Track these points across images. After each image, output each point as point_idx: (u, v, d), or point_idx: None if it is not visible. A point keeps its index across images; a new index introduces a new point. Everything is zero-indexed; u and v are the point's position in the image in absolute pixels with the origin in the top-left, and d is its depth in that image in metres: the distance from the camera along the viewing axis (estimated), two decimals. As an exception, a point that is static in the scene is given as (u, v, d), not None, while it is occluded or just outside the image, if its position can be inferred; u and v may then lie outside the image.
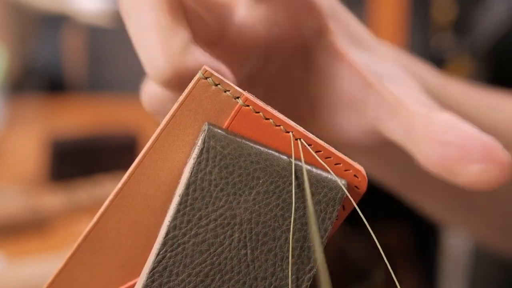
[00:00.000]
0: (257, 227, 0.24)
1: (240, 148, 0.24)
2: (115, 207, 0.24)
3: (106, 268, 0.25)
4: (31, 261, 0.72)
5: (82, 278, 0.25)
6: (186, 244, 0.23)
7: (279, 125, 0.24)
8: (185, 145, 0.24)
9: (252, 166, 0.24)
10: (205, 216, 0.24)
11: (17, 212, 0.81)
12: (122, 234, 0.25)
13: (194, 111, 0.24)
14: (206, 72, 0.24)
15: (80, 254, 0.25)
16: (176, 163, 0.24)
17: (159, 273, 0.23)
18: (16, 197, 0.86)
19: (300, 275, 0.24)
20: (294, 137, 0.24)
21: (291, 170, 0.24)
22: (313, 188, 0.24)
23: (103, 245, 0.25)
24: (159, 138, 0.24)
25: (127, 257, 0.25)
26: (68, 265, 0.25)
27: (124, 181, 0.24)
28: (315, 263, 0.24)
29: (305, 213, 0.24)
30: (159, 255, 0.23)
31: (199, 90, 0.24)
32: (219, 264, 0.24)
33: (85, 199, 0.90)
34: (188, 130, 0.24)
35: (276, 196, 0.24)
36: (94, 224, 0.25)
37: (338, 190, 0.24)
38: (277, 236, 0.24)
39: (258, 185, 0.24)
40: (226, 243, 0.24)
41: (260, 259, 0.24)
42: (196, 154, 0.23)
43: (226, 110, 0.24)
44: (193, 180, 0.23)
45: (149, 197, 0.25)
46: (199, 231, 0.24)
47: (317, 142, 0.25)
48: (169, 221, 0.23)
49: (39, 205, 0.84)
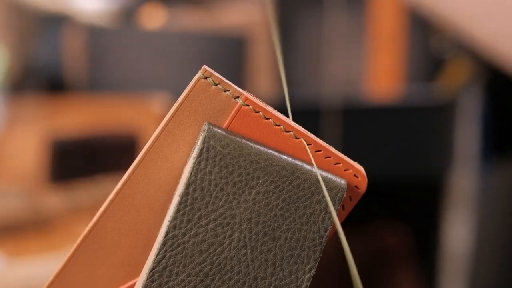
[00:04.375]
0: (257, 227, 0.24)
1: (240, 147, 0.24)
2: (115, 207, 0.24)
3: (106, 268, 0.25)
4: (31, 261, 0.72)
5: (82, 278, 0.25)
6: (186, 244, 0.23)
7: (279, 124, 0.24)
8: (185, 144, 0.24)
9: (252, 165, 0.24)
10: (205, 216, 0.24)
11: (17, 212, 0.81)
12: (122, 234, 0.25)
13: (194, 111, 0.24)
14: (206, 71, 0.24)
15: (80, 254, 0.25)
16: (176, 163, 0.24)
17: (159, 272, 0.23)
18: (16, 197, 0.85)
19: (300, 275, 0.24)
20: (294, 136, 0.24)
21: (291, 170, 0.24)
22: (313, 188, 0.24)
23: (103, 245, 0.25)
24: (159, 138, 0.24)
25: (127, 257, 0.25)
26: (68, 264, 0.25)
27: (124, 181, 0.24)
28: (314, 263, 0.24)
29: (305, 213, 0.24)
30: (159, 254, 0.23)
31: (199, 89, 0.24)
32: (219, 264, 0.24)
33: (85, 199, 0.89)
34: (188, 130, 0.24)
35: (276, 196, 0.24)
36: (94, 224, 0.25)
37: (338, 190, 0.24)
38: (277, 236, 0.24)
39: (258, 185, 0.24)
40: (226, 243, 0.24)
41: (259, 259, 0.24)
42: (196, 153, 0.23)
43: (226, 109, 0.24)
44: (193, 180, 0.23)
45: (149, 197, 0.25)
46: (199, 231, 0.24)
47: (317, 142, 0.25)
48: (169, 221, 0.23)
49: (39, 205, 0.84)
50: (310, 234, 0.24)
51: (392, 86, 1.62)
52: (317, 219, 0.24)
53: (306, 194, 0.24)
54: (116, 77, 1.68)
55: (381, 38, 1.61)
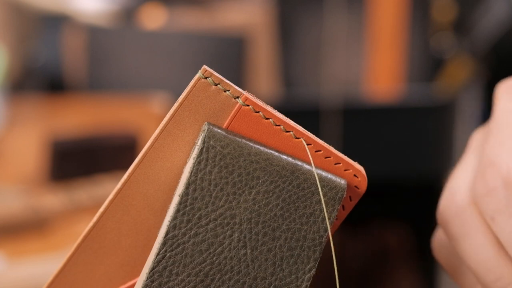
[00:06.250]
0: (256, 227, 0.24)
1: (239, 147, 0.24)
2: (115, 207, 0.24)
3: (106, 268, 0.25)
4: (31, 261, 0.72)
5: (82, 278, 0.25)
6: (186, 244, 0.23)
7: (279, 124, 0.24)
8: (185, 144, 0.24)
9: (252, 165, 0.24)
10: (205, 216, 0.24)
11: (17, 212, 0.81)
12: (122, 234, 0.25)
13: (194, 111, 0.24)
14: (206, 71, 0.24)
15: (80, 253, 0.25)
16: (176, 163, 0.24)
17: (159, 272, 0.23)
18: (16, 197, 0.85)
19: (300, 275, 0.24)
20: (294, 136, 0.24)
21: (290, 170, 0.24)
22: (313, 188, 0.24)
23: (103, 244, 0.25)
24: (159, 138, 0.24)
25: (127, 257, 0.25)
26: (68, 264, 0.25)
27: (124, 181, 0.24)
28: (314, 263, 0.24)
29: (305, 213, 0.24)
30: (159, 254, 0.23)
31: (199, 89, 0.24)
32: (219, 264, 0.24)
33: (85, 199, 0.90)
34: (188, 130, 0.24)
35: (276, 196, 0.24)
36: (94, 224, 0.25)
37: (338, 190, 0.24)
38: (277, 236, 0.24)
39: (257, 184, 0.24)
40: (226, 242, 0.24)
41: (259, 259, 0.24)
42: (196, 153, 0.23)
43: (226, 109, 0.24)
44: (193, 180, 0.23)
45: (149, 197, 0.25)
46: (199, 231, 0.24)
47: (317, 142, 0.25)
48: (169, 221, 0.23)
49: (39, 205, 0.84)
50: (310, 234, 0.24)
51: (392, 86, 1.62)
52: (317, 219, 0.24)
53: (306, 194, 0.24)
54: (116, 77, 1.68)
55: (381, 38, 1.61)
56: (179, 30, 1.70)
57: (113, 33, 1.70)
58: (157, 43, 1.67)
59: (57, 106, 1.61)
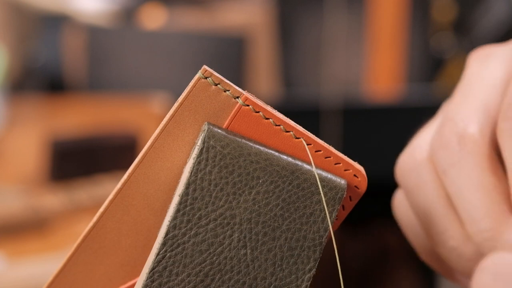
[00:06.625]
0: (256, 227, 0.24)
1: (240, 147, 0.24)
2: (115, 207, 0.24)
3: (106, 268, 0.25)
4: (31, 261, 0.72)
5: (82, 278, 0.25)
6: (186, 244, 0.23)
7: (279, 124, 0.24)
8: (185, 145, 0.24)
9: (252, 165, 0.24)
10: (205, 216, 0.24)
11: (17, 212, 0.81)
12: (122, 234, 0.25)
13: (194, 111, 0.24)
14: (206, 71, 0.24)
15: (80, 254, 0.25)
16: (176, 163, 0.24)
17: (159, 273, 0.23)
18: (16, 197, 0.85)
19: (300, 275, 0.24)
20: (294, 136, 0.24)
21: (290, 170, 0.24)
22: (313, 188, 0.24)
23: (103, 245, 0.25)
24: (159, 138, 0.24)
25: (127, 257, 0.25)
26: (68, 264, 0.25)
27: (124, 181, 0.24)
28: (314, 263, 0.24)
29: (305, 213, 0.24)
30: (159, 254, 0.23)
31: (199, 89, 0.24)
32: (219, 264, 0.24)
33: (85, 199, 0.90)
34: (188, 130, 0.24)
35: (276, 196, 0.24)
36: (94, 224, 0.25)
37: (338, 190, 0.24)
38: (277, 236, 0.24)
39: (258, 184, 0.24)
40: (226, 243, 0.24)
41: (259, 259, 0.24)
42: (196, 153, 0.23)
43: (226, 109, 0.24)
44: (193, 180, 0.23)
45: (149, 197, 0.25)
46: (199, 231, 0.24)
47: (317, 142, 0.25)
48: (169, 221, 0.23)
49: (39, 205, 0.84)
50: (310, 234, 0.24)
51: (392, 86, 1.62)
52: (317, 219, 0.24)
53: (306, 194, 0.24)
54: (116, 77, 1.68)
55: (381, 38, 1.61)
56: (179, 30, 1.70)
57: (113, 33, 1.70)
58: (157, 43, 1.67)
59: (57, 106, 1.61)
